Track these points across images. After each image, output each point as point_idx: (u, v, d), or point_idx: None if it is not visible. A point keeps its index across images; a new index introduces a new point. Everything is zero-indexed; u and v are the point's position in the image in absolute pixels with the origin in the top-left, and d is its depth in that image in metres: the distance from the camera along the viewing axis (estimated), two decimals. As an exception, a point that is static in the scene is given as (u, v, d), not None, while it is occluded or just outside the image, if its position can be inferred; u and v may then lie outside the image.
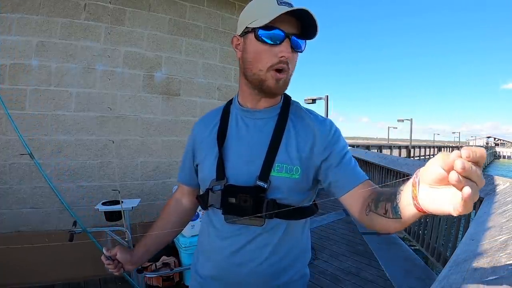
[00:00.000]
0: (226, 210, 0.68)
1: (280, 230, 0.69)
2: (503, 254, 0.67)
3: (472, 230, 1.09)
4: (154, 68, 2.65)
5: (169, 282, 2.18)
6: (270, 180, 0.65)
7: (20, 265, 2.16)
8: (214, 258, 0.73)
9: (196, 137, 0.81)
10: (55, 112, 2.29)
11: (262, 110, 0.72)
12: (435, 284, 0.64)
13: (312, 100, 9.26)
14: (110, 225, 2.04)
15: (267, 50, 0.62)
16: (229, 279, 0.71)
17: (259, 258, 0.68)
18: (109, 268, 0.80)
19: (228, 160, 0.70)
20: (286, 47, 0.62)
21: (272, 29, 0.61)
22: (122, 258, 0.81)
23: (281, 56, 0.62)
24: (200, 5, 2.86)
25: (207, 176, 0.72)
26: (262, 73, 0.64)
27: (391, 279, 2.45)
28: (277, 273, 0.70)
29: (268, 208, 0.64)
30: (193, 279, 0.82)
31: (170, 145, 2.75)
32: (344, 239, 3.40)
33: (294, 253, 0.73)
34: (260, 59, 0.64)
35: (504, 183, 1.84)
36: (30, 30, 2.22)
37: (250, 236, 0.68)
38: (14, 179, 2.20)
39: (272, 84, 0.64)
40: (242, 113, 0.74)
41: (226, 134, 0.73)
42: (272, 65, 0.63)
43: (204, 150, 0.76)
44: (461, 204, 0.33)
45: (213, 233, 0.73)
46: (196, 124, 0.85)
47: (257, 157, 0.67)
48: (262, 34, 0.62)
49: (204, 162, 0.75)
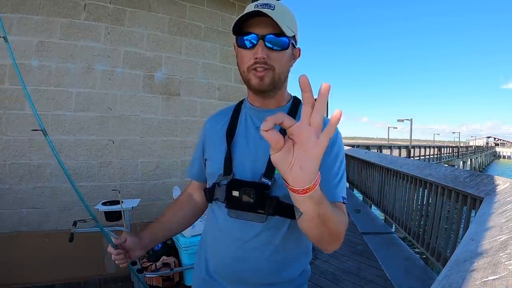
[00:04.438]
0: (230, 203, 0.70)
1: (283, 228, 0.71)
2: (503, 254, 0.67)
3: (472, 230, 1.09)
4: (154, 68, 2.65)
5: (169, 282, 2.18)
6: (274, 178, 0.68)
7: (20, 265, 2.16)
8: (218, 253, 0.76)
9: (207, 132, 0.85)
10: (55, 112, 2.30)
11: (270, 110, 0.75)
12: (435, 284, 0.64)
13: (312, 100, 9.27)
14: (110, 225, 2.04)
15: (246, 54, 0.68)
16: (232, 274, 0.73)
17: (262, 255, 0.71)
18: (117, 260, 0.76)
19: (236, 157, 0.73)
20: (259, 48, 0.66)
21: (246, 34, 0.67)
22: (133, 241, 0.78)
23: (255, 57, 0.66)
24: (200, 5, 2.86)
25: (215, 171, 0.75)
26: (245, 74, 0.70)
27: (391, 279, 2.45)
28: (278, 270, 0.72)
29: (271, 204, 0.67)
30: (197, 276, 0.83)
31: (170, 145, 2.75)
32: (344, 239, 3.38)
33: (296, 252, 0.75)
34: (242, 62, 0.70)
35: (504, 183, 1.84)
36: (30, 30, 2.22)
37: (253, 232, 0.70)
38: (14, 179, 2.20)
39: (256, 83, 0.69)
40: (252, 112, 0.78)
41: (235, 131, 0.77)
42: (250, 66, 0.68)
43: (213, 146, 0.80)
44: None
45: (217, 228, 0.76)
46: (208, 119, 0.88)
47: (263, 155, 0.69)
48: (239, 40, 0.69)
49: (212, 157, 0.79)
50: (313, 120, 0.40)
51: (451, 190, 2.39)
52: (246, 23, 0.67)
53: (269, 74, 0.68)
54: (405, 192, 3.39)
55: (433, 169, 2.89)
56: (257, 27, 0.66)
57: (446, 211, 2.51)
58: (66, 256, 2.21)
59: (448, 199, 2.47)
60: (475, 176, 2.24)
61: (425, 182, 2.90)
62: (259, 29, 0.66)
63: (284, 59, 0.70)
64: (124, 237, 0.78)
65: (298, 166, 0.42)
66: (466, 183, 2.21)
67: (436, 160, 20.84)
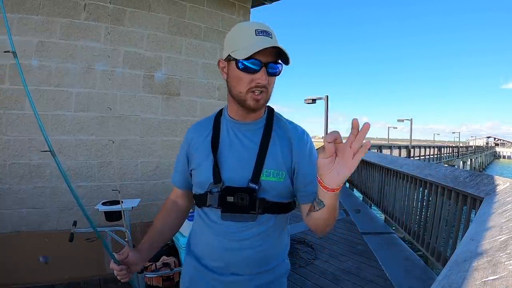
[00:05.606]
0: (225, 208, 0.78)
1: (270, 223, 0.81)
2: (503, 254, 0.67)
3: (472, 230, 1.09)
4: (154, 68, 2.65)
5: (169, 282, 2.18)
6: (260, 183, 0.77)
7: (20, 265, 2.16)
8: (211, 246, 0.82)
9: (190, 143, 0.89)
10: (55, 112, 2.30)
11: (250, 123, 0.83)
12: (435, 284, 0.64)
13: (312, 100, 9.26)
14: (110, 225, 2.04)
15: (246, 77, 0.73)
16: (224, 265, 0.80)
17: (254, 246, 0.79)
18: (120, 275, 0.79)
19: (223, 166, 0.80)
20: (262, 74, 0.72)
21: (249, 59, 0.71)
22: (134, 256, 0.82)
23: (258, 82, 0.72)
24: (200, 5, 2.86)
25: (205, 180, 0.81)
26: (242, 94, 0.75)
27: (391, 279, 2.45)
28: (267, 258, 0.82)
29: (260, 205, 0.77)
30: (187, 264, 0.88)
31: (170, 145, 2.75)
32: (344, 239, 3.40)
33: (280, 242, 0.86)
34: (240, 84, 0.74)
35: (504, 183, 1.84)
36: (30, 30, 2.22)
37: (245, 228, 0.79)
38: (14, 179, 2.21)
39: (252, 104, 0.75)
40: (232, 124, 0.84)
41: (219, 142, 0.83)
42: (250, 89, 0.73)
43: (200, 157, 0.85)
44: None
45: (210, 226, 0.82)
46: (189, 130, 0.93)
47: (248, 163, 0.78)
48: (241, 64, 0.72)
49: (200, 167, 0.84)
50: (354, 146, 0.55)
51: (451, 190, 2.39)
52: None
53: (264, 96, 0.75)
54: (405, 192, 3.39)
55: (433, 169, 2.89)
56: (260, 54, 0.70)
57: (446, 211, 2.51)
58: (66, 256, 2.21)
59: (448, 199, 2.47)
60: (475, 176, 2.24)
61: (425, 182, 2.90)
62: (262, 56, 0.71)
63: (274, 82, 0.78)
64: (126, 253, 0.81)
65: (336, 172, 0.58)
66: (466, 183, 2.21)
67: (436, 160, 20.83)
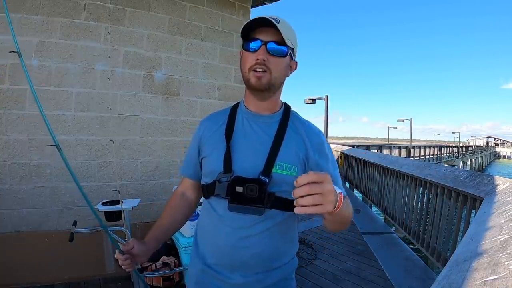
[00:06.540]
0: (233, 198, 0.76)
1: (277, 219, 0.79)
2: (503, 254, 0.67)
3: (472, 230, 1.09)
4: (154, 68, 2.65)
5: (169, 282, 2.18)
6: (271, 176, 0.76)
7: (20, 265, 2.16)
8: (218, 243, 0.80)
9: (204, 132, 0.89)
10: (55, 112, 2.30)
11: (266, 116, 0.84)
12: (435, 284, 0.64)
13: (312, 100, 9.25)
14: (110, 225, 2.04)
15: (249, 56, 0.77)
16: (232, 262, 0.78)
17: (260, 242, 0.78)
18: (124, 265, 0.80)
19: (235, 155, 0.79)
20: (261, 52, 0.75)
21: (252, 40, 0.77)
22: (140, 248, 0.82)
23: (257, 59, 0.76)
24: (200, 5, 2.86)
25: (215, 168, 0.80)
26: (246, 74, 0.78)
27: (391, 279, 2.45)
28: (275, 256, 0.80)
29: (269, 199, 0.75)
30: (195, 268, 0.86)
31: (170, 145, 2.75)
32: (344, 239, 3.40)
33: (287, 241, 0.83)
34: (244, 63, 0.79)
35: (504, 183, 1.84)
36: (30, 30, 2.22)
37: (252, 222, 0.77)
38: (14, 179, 2.21)
39: (254, 81, 0.77)
40: (248, 115, 0.85)
41: (233, 132, 0.83)
42: (251, 66, 0.77)
43: (212, 145, 0.84)
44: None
45: (217, 220, 0.80)
46: (203, 120, 0.93)
47: (261, 154, 0.78)
48: (245, 44, 0.78)
49: (211, 156, 0.83)
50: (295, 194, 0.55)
51: (451, 190, 2.39)
52: (254, 32, 0.77)
53: (266, 76, 0.76)
54: (405, 192, 3.39)
55: (433, 169, 2.89)
56: (262, 34, 0.76)
57: (446, 211, 2.51)
58: (66, 256, 2.21)
59: (448, 199, 2.47)
60: (475, 176, 2.24)
61: (425, 182, 2.90)
62: (263, 36, 0.76)
63: (280, 65, 0.78)
64: (132, 244, 0.81)
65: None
66: (466, 183, 2.21)
67: (436, 160, 20.83)
